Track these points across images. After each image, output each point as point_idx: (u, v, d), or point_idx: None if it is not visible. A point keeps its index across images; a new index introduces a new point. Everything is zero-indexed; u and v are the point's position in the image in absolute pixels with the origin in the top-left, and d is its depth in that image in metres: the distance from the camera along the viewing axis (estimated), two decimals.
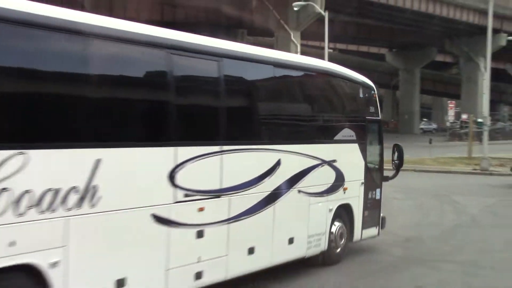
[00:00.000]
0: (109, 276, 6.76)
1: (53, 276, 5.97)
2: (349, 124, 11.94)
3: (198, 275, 7.93)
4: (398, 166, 13.07)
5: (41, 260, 5.91)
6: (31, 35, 6.01)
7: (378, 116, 13.12)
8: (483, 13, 50.08)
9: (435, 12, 57.77)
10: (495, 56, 55.34)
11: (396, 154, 13.14)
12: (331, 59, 22.13)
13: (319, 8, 40.53)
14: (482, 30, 47.98)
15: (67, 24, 6.23)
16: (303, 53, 39.50)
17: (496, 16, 51.90)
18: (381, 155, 12.94)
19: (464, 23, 61.09)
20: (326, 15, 36.95)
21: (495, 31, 50.05)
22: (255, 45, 20.90)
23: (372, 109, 12.71)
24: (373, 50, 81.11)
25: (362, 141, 12.11)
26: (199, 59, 8.24)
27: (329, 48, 40.55)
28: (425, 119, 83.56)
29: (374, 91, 12.87)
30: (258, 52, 10.13)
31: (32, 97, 6.22)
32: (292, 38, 45.69)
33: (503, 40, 57.12)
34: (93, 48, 6.73)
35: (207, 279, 8.01)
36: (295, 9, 39.43)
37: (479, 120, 43.00)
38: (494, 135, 52.97)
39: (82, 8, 39.71)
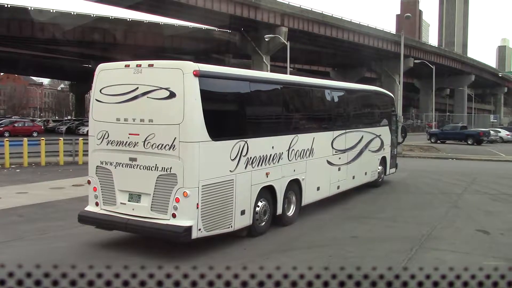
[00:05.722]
0: (315, 184, 11.68)
1: (303, 182, 11.19)
2: (385, 117, 17.18)
3: (338, 187, 13.21)
4: (404, 137, 19.15)
5: (300, 176, 11.09)
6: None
7: (396, 112, 18.36)
8: (398, 43, 56.35)
9: (364, 42, 66.36)
10: (406, 74, 69.84)
11: (402, 131, 18.96)
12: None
13: (283, 39, 47.58)
14: (397, 55, 53.93)
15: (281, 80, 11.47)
16: (272, 71, 46.16)
17: (406, 46, 62.75)
18: (397, 131, 18.28)
19: (385, 50, 70.88)
20: (288, 44, 42.14)
21: (406, 56, 59.16)
22: (239, 66, 26.07)
23: (393, 108, 18.11)
24: (321, 69, 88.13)
25: (389, 124, 17.26)
26: (343, 93, 14.08)
27: (290, 67, 45.71)
28: None
29: (394, 99, 18.45)
30: (362, 87, 16.42)
31: (295, 111, 11.65)
32: (264, 60, 53.16)
33: (411, 62, 67.63)
34: (307, 92, 12.31)
35: (341, 189, 13.40)
36: (266, 40, 46.22)
37: None
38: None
39: None
